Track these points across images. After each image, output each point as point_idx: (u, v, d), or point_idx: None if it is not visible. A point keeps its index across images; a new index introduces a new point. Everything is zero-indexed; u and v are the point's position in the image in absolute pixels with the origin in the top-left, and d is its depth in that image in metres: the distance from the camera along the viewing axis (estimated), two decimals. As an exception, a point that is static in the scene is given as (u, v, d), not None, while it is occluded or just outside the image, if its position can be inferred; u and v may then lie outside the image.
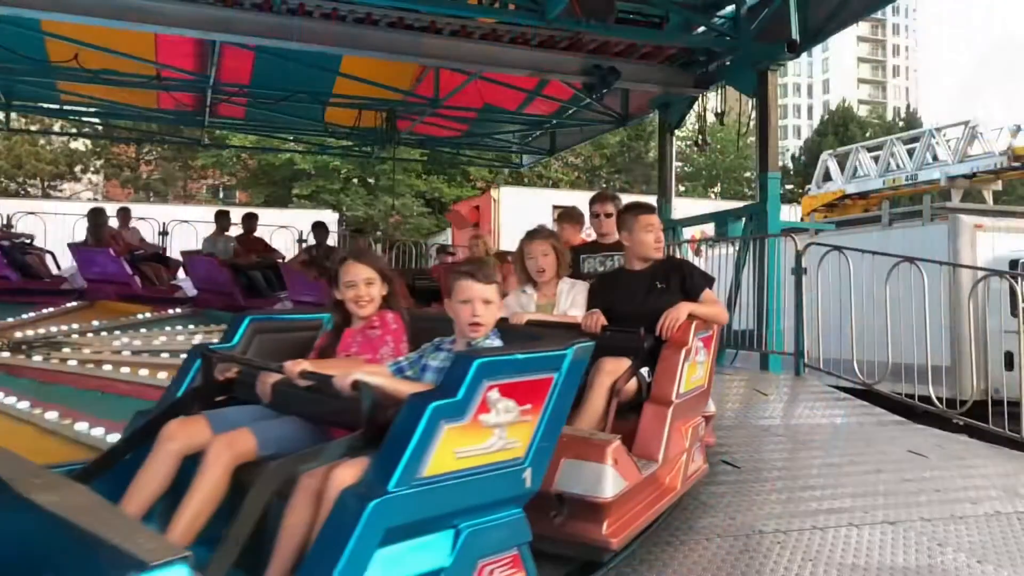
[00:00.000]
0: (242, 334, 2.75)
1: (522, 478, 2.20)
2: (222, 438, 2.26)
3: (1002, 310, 7.46)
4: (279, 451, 2.23)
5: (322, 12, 7.00)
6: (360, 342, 2.70)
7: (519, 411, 2.15)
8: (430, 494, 1.96)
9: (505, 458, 2.14)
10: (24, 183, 32.57)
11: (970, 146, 16.57)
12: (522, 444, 2.17)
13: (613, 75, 7.75)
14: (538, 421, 2.22)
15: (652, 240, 3.66)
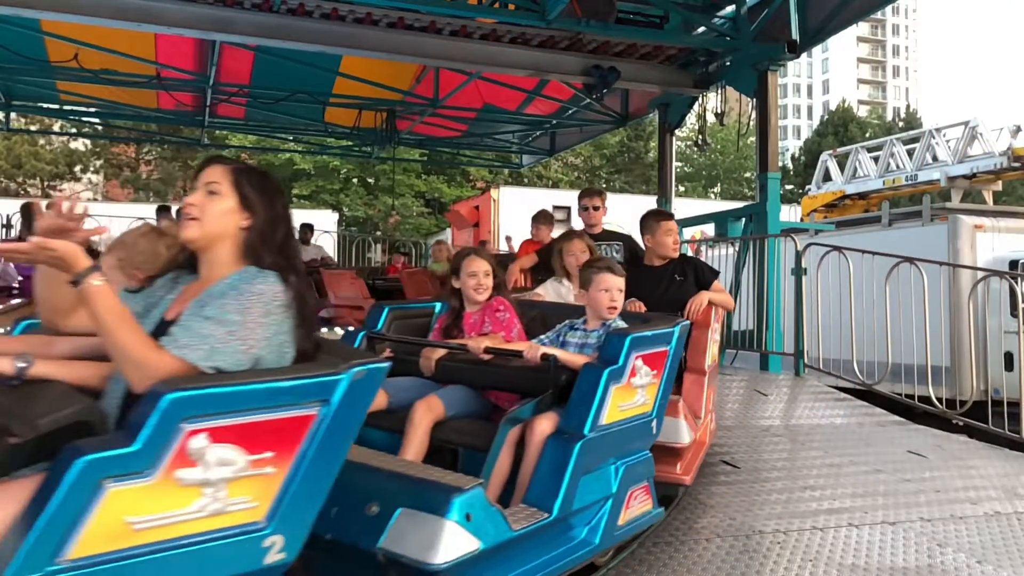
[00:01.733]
0: (384, 320, 3.34)
1: (651, 427, 2.96)
2: (422, 403, 2.85)
3: (1002, 310, 7.47)
4: (457, 412, 2.92)
5: (322, 12, 7.00)
6: (492, 322, 3.29)
7: (652, 375, 2.88)
8: (606, 438, 2.67)
9: (643, 411, 2.88)
10: (24, 183, 32.58)
11: (970, 146, 16.56)
12: (651, 401, 2.92)
13: (613, 75, 7.75)
14: (661, 382, 2.96)
15: (671, 242, 4.39)
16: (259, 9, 6.88)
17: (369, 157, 15.99)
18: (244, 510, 1.61)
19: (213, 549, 1.60)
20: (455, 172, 29.80)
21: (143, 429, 1.46)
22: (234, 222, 1.86)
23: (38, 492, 1.36)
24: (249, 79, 10.24)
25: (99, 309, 1.60)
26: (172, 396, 1.46)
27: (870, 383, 6.39)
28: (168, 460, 1.49)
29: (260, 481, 1.64)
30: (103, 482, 1.39)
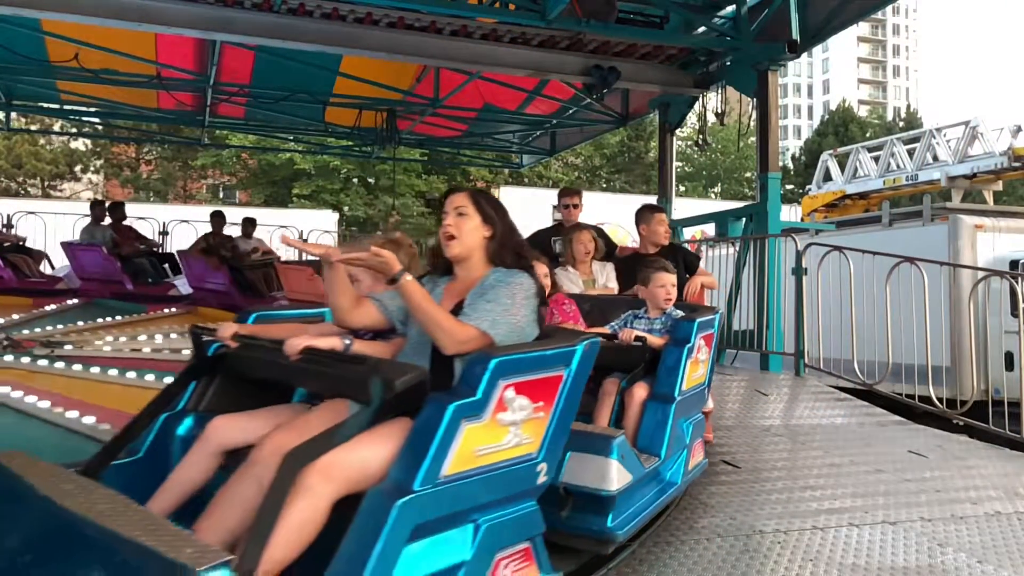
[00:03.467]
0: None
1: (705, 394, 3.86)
2: None
3: (1002, 310, 7.46)
4: None
5: (322, 12, 7.00)
6: (560, 314, 3.61)
7: (707, 352, 3.67)
8: (686, 401, 3.42)
9: (703, 381, 3.68)
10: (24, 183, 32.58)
11: (970, 146, 16.56)
12: (706, 373, 3.73)
13: (613, 75, 7.75)
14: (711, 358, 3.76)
15: (663, 231, 4.95)
16: (259, 9, 6.89)
17: (369, 157, 16.00)
18: (529, 443, 2.23)
19: (513, 471, 2.25)
20: (455, 172, 29.78)
21: (481, 383, 2.09)
22: (480, 234, 2.43)
23: (418, 430, 1.95)
24: (249, 79, 10.25)
25: (416, 296, 2.20)
26: (497, 359, 2.12)
27: (870, 383, 6.39)
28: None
29: (537, 423, 2.26)
30: (462, 421, 2.00)
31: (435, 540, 1.94)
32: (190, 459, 2.22)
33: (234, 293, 9.27)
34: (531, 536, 2.21)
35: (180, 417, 2.42)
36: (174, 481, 2.19)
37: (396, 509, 1.80)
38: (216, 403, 2.49)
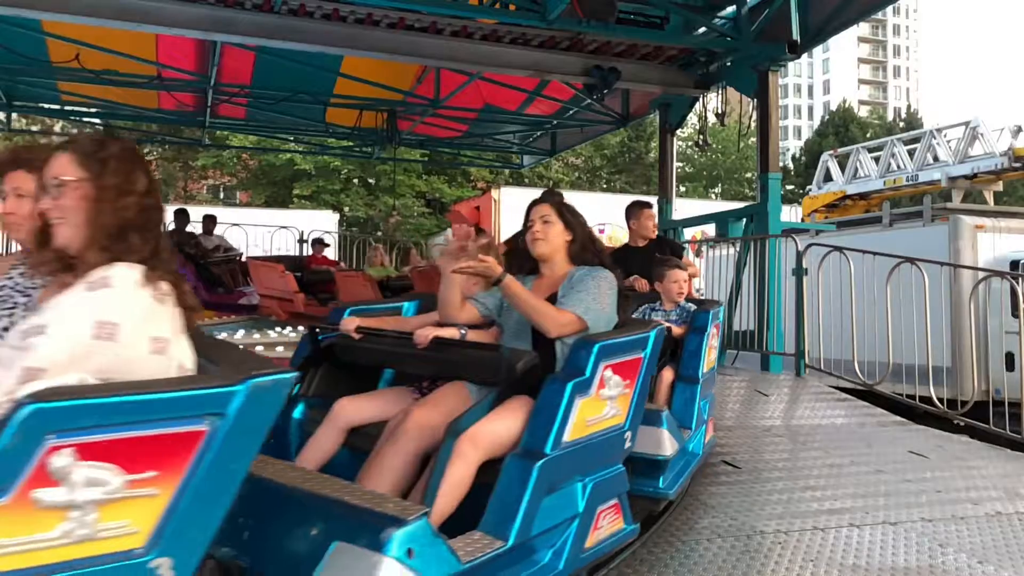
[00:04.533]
0: None
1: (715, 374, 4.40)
2: None
3: (1003, 311, 7.45)
4: None
5: (323, 12, 7.00)
6: None
7: (716, 339, 4.20)
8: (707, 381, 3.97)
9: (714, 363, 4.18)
10: (25, 183, 32.56)
11: (971, 147, 16.56)
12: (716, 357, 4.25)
13: (614, 75, 7.75)
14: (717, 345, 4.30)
15: (652, 225, 5.35)
16: (260, 9, 6.89)
17: (370, 157, 16.01)
18: (619, 416, 2.33)
19: (610, 439, 2.41)
20: (456, 172, 29.79)
21: (588, 364, 2.34)
22: (563, 238, 2.85)
23: (544, 404, 2.26)
24: (250, 79, 10.25)
25: (518, 292, 2.60)
26: (599, 344, 2.36)
27: (871, 383, 6.39)
28: (597, 383, 2.40)
29: (625, 398, 2.38)
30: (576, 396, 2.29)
31: (559, 495, 2.33)
32: (320, 437, 2.63)
33: (200, 289, 9.30)
34: (619, 493, 2.64)
35: (294, 403, 2.86)
36: (307, 457, 2.58)
37: (536, 469, 2.20)
38: (323, 389, 2.92)
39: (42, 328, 1.40)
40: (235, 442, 1.47)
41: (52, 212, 1.63)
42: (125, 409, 1.34)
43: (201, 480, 1.43)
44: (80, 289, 1.49)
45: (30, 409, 1.24)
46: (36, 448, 1.25)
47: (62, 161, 1.64)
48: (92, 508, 1.31)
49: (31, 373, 1.34)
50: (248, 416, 1.47)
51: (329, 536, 1.87)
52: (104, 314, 1.45)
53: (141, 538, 1.38)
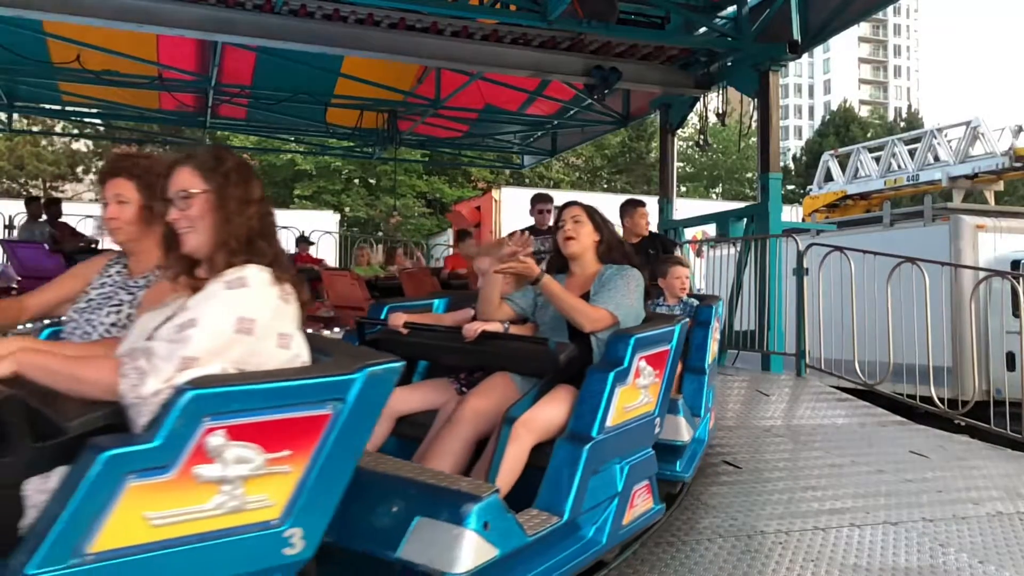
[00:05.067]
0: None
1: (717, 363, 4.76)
2: None
3: (1004, 311, 7.45)
4: None
5: (323, 13, 7.00)
6: None
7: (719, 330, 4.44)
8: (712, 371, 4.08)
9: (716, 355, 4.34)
10: (26, 184, 32.60)
11: (972, 146, 16.54)
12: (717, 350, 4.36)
13: (614, 76, 7.75)
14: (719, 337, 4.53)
15: (644, 223, 5.62)
16: (261, 10, 6.89)
17: (370, 158, 16.02)
18: (650, 404, 2.54)
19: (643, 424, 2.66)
20: (456, 173, 29.80)
21: (626, 355, 2.54)
22: (592, 238, 3.07)
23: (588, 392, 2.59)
24: (251, 80, 10.25)
25: (556, 290, 2.84)
26: (635, 337, 2.60)
27: (872, 383, 6.38)
28: (633, 373, 2.64)
29: (655, 387, 2.59)
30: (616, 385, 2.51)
31: (601, 476, 2.57)
32: None
33: None
34: (650, 475, 2.92)
35: None
36: None
37: (586, 452, 2.45)
38: None
39: (193, 322, 1.58)
40: (353, 424, 1.66)
41: (180, 222, 1.78)
42: (267, 395, 1.54)
43: (325, 458, 1.62)
44: (220, 288, 1.67)
45: (191, 395, 1.43)
46: (196, 429, 1.45)
47: (186, 175, 1.80)
48: (240, 483, 1.50)
49: (187, 362, 1.53)
50: (364, 401, 1.67)
51: (411, 512, 2.07)
52: (244, 311, 1.64)
53: (277, 510, 1.57)
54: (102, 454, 1.37)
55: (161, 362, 1.53)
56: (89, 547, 1.37)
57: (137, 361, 1.54)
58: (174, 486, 1.43)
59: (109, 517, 1.38)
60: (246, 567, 1.57)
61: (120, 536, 1.40)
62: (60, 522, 1.35)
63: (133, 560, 1.41)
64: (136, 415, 1.51)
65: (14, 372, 1.58)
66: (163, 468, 1.43)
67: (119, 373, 1.53)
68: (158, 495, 1.43)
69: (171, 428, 1.42)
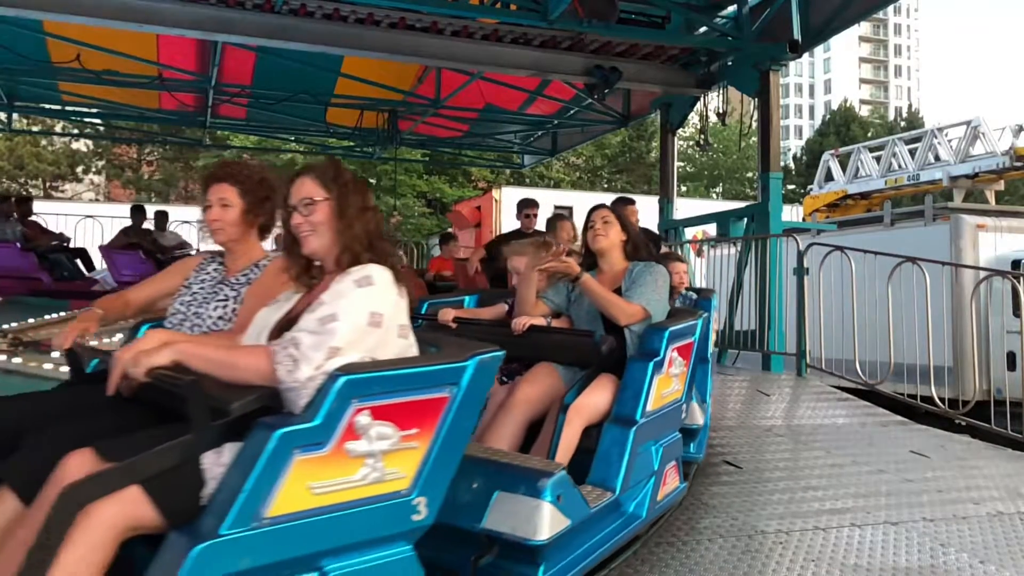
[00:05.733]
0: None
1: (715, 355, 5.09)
2: None
3: (1004, 310, 7.45)
4: None
5: (323, 12, 7.00)
6: None
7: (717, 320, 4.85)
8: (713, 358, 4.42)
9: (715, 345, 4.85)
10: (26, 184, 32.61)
11: (972, 146, 16.52)
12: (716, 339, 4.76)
13: (615, 75, 7.74)
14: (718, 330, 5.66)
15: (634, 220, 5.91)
16: (261, 10, 6.89)
17: (371, 157, 16.01)
18: (679, 391, 2.82)
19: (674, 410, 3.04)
20: (457, 172, 29.79)
21: (661, 347, 2.89)
22: (619, 237, 3.32)
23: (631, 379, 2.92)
24: (251, 80, 10.25)
25: (595, 288, 3.09)
26: (669, 330, 2.93)
27: (872, 383, 6.38)
28: (667, 363, 2.97)
29: (683, 376, 2.87)
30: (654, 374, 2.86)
31: (642, 456, 2.88)
32: None
33: None
34: (678, 456, 3.25)
35: None
36: None
37: (632, 433, 2.79)
38: None
39: (334, 316, 1.78)
40: (465, 406, 1.88)
41: (303, 226, 2.00)
42: (401, 380, 1.77)
43: (444, 436, 1.84)
44: (351, 286, 1.87)
45: (343, 380, 1.65)
46: (347, 410, 1.67)
47: (308, 184, 2.02)
48: (381, 457, 1.74)
49: (333, 352, 1.73)
50: (475, 385, 1.89)
51: (490, 488, 2.33)
52: (374, 306, 1.86)
53: (407, 482, 1.80)
54: (276, 432, 1.60)
55: (310, 351, 1.72)
56: (266, 512, 1.60)
57: (287, 350, 1.73)
58: (330, 460, 1.67)
59: (281, 486, 1.62)
60: (383, 531, 1.80)
61: (289, 503, 1.63)
62: (245, 490, 1.57)
63: (298, 524, 1.64)
64: (296, 397, 1.69)
65: (174, 360, 1.76)
66: (321, 444, 1.66)
67: (274, 361, 1.73)
68: (318, 467, 1.66)
69: (328, 409, 1.65)
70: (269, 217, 2.58)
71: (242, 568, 1.58)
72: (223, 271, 2.54)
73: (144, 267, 8.95)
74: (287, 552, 1.65)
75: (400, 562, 1.83)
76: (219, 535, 1.55)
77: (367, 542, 1.78)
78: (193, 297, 2.46)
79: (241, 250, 2.53)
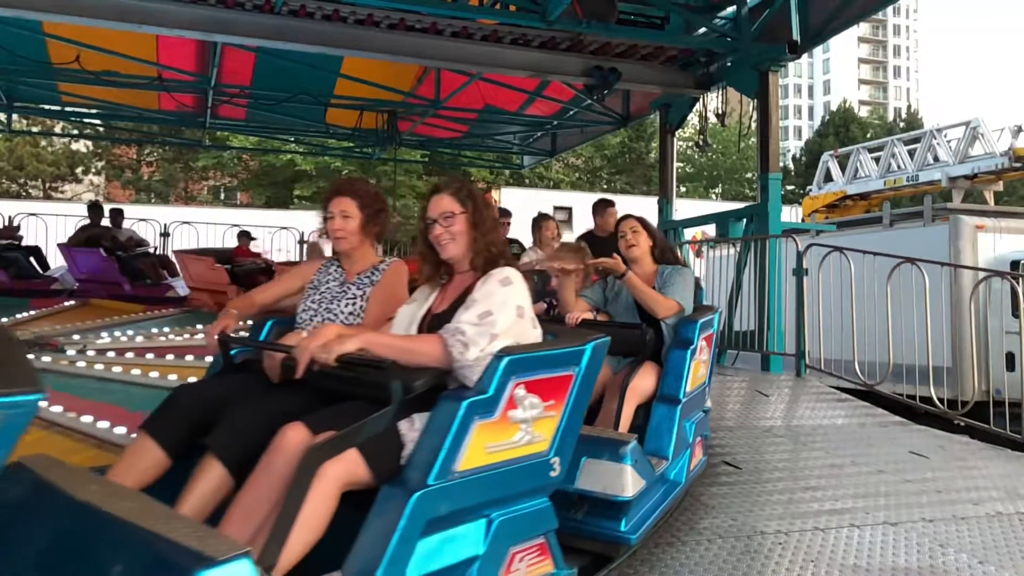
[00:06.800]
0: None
1: None
2: None
3: (1003, 311, 7.45)
4: None
5: (323, 13, 7.00)
6: None
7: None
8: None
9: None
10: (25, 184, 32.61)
11: (971, 147, 16.55)
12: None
13: (614, 76, 7.75)
14: None
15: (613, 220, 5.80)
16: (260, 10, 6.89)
17: (370, 158, 16.03)
18: (705, 375, 3.29)
19: (704, 391, 3.62)
20: (456, 173, 29.81)
21: (695, 336, 3.42)
22: (647, 244, 3.79)
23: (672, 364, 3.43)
24: (250, 80, 10.25)
25: (638, 284, 3.58)
26: (700, 321, 3.46)
27: (871, 383, 6.38)
28: (699, 350, 3.49)
29: (707, 363, 3.33)
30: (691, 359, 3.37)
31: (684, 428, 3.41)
32: None
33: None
34: (704, 432, 3.85)
35: None
36: None
37: (679, 410, 3.33)
38: None
39: (490, 311, 2.18)
40: (584, 383, 2.28)
41: (443, 236, 2.37)
42: (544, 360, 2.19)
43: (571, 407, 2.26)
44: (497, 285, 2.27)
45: (507, 359, 2.06)
46: (509, 384, 2.07)
47: (446, 200, 2.40)
48: (531, 423, 2.15)
49: (493, 337, 2.13)
50: (591, 365, 2.29)
51: (579, 455, 2.73)
52: (518, 301, 2.27)
53: (546, 444, 2.21)
54: (463, 401, 1.99)
55: (477, 337, 2.11)
56: (457, 467, 1.98)
57: (456, 337, 2.10)
58: (498, 425, 2.06)
59: (467, 446, 2.00)
60: (531, 485, 2.21)
61: (472, 460, 2.01)
62: (444, 448, 1.95)
63: (477, 478, 2.02)
64: (469, 374, 2.09)
65: (360, 348, 2.07)
66: (492, 411, 2.05)
67: (447, 346, 2.10)
68: (490, 431, 2.05)
69: (497, 383, 2.05)
70: (382, 227, 2.93)
71: (440, 513, 1.95)
72: (344, 273, 2.88)
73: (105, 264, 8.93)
74: (468, 501, 2.02)
75: (541, 511, 2.25)
76: (427, 485, 1.92)
77: (519, 494, 2.18)
78: (322, 296, 2.80)
79: (359, 255, 2.86)
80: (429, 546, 1.95)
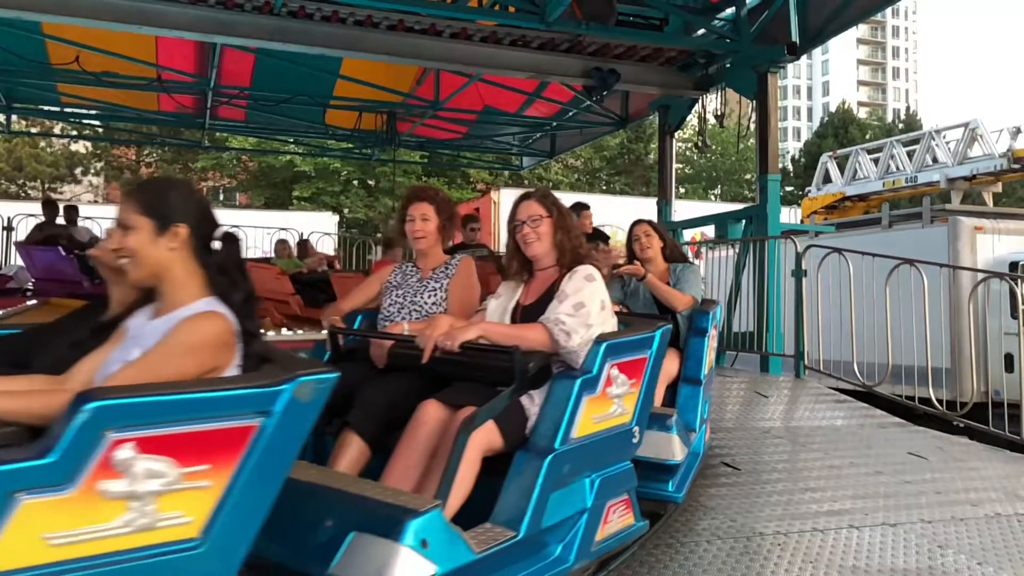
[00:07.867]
0: None
1: None
2: None
3: (1002, 312, 7.46)
4: None
5: (323, 14, 7.01)
6: None
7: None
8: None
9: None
10: (24, 185, 32.58)
11: (970, 148, 16.56)
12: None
13: (613, 77, 7.75)
14: None
15: (588, 223, 6.53)
16: (260, 11, 6.89)
17: (370, 159, 15.99)
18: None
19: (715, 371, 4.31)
20: (455, 174, 29.79)
21: (708, 325, 3.90)
22: (659, 245, 4.25)
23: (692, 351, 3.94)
24: (250, 81, 10.25)
25: (657, 283, 4.01)
26: (711, 312, 3.98)
27: (870, 385, 6.38)
28: (712, 336, 3.98)
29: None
30: (706, 343, 3.89)
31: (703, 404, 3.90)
32: None
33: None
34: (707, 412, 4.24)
35: None
36: None
37: (701, 390, 3.81)
38: None
39: (583, 303, 2.54)
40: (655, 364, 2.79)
41: (530, 235, 2.73)
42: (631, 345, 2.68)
43: (647, 385, 2.78)
44: (583, 281, 2.60)
45: (605, 345, 2.50)
46: (606, 365, 2.52)
47: (535, 206, 2.76)
48: (622, 398, 2.63)
49: (588, 326, 2.52)
50: (659, 350, 2.79)
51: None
52: (601, 295, 2.64)
53: (629, 416, 2.68)
54: (577, 380, 2.40)
55: (576, 326, 2.48)
56: (573, 434, 2.38)
57: (558, 326, 2.47)
58: (599, 399, 2.50)
59: (580, 417, 2.39)
60: (620, 449, 2.71)
61: (583, 428, 2.42)
62: (565, 417, 2.36)
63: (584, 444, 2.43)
64: (575, 358, 2.48)
65: (479, 335, 2.43)
66: (595, 389, 2.46)
67: (552, 335, 2.46)
68: (594, 405, 2.47)
69: (599, 364, 2.47)
70: (453, 229, 3.39)
71: (562, 473, 2.30)
72: (419, 271, 3.28)
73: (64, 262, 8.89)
74: (581, 463, 2.39)
75: (627, 472, 2.66)
76: (555, 449, 2.29)
77: (612, 458, 2.56)
78: (404, 292, 3.22)
79: (433, 253, 3.25)
80: (556, 500, 2.31)
